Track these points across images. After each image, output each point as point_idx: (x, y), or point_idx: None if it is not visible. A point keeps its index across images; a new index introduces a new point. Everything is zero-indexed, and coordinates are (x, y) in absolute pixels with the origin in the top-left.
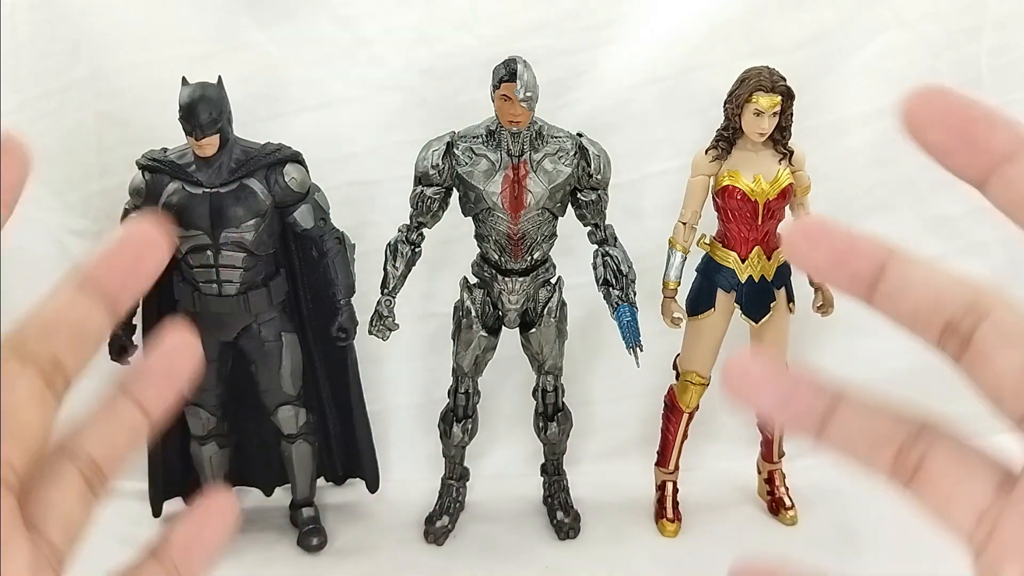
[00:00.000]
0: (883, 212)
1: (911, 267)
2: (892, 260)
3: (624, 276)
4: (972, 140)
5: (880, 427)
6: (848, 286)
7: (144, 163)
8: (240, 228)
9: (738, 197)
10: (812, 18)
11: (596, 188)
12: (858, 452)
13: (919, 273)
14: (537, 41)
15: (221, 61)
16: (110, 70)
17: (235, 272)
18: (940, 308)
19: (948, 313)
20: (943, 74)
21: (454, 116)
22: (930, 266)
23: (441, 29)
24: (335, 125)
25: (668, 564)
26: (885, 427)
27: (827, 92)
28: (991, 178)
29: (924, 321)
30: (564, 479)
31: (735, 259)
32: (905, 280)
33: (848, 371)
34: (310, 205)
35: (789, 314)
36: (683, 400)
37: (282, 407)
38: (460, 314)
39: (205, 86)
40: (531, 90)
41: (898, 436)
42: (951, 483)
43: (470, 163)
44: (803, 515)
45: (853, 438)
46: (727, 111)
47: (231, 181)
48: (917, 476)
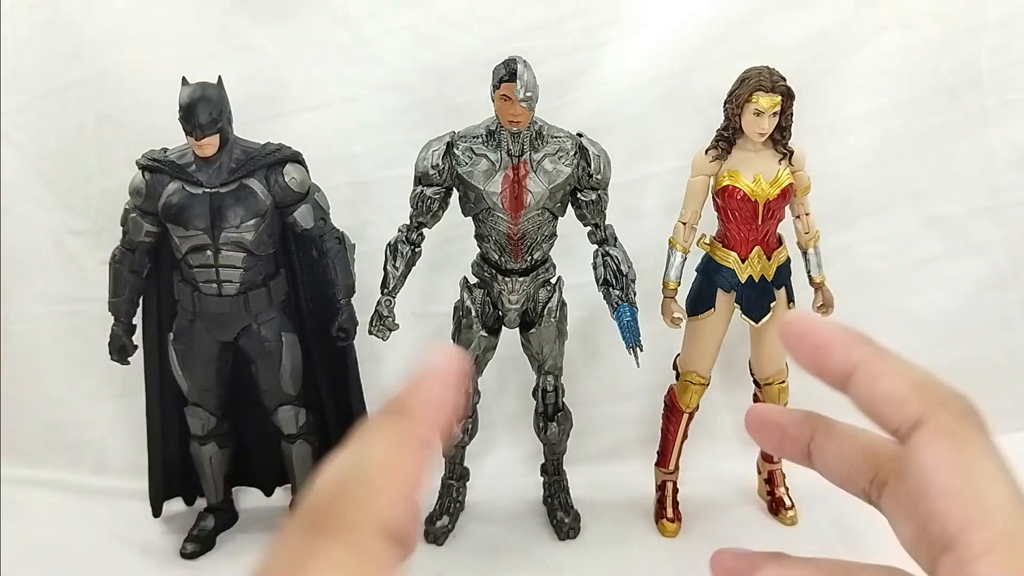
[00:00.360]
0: (883, 212)
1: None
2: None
3: (624, 276)
4: (821, 364)
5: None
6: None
7: (144, 163)
8: (240, 228)
9: (738, 197)
10: (812, 18)
11: (596, 188)
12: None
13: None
14: (537, 41)
15: (221, 61)
16: (110, 70)
17: (235, 272)
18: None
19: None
20: (943, 74)
21: (454, 116)
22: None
23: (441, 29)
24: (335, 125)
25: (668, 564)
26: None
27: (827, 92)
28: (846, 388)
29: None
30: (564, 479)
31: (735, 259)
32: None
33: None
34: (310, 205)
35: None
36: (683, 400)
37: (282, 407)
38: (460, 314)
39: (205, 86)
40: (531, 90)
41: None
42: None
43: (470, 163)
44: (803, 515)
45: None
46: (727, 111)
47: (231, 181)
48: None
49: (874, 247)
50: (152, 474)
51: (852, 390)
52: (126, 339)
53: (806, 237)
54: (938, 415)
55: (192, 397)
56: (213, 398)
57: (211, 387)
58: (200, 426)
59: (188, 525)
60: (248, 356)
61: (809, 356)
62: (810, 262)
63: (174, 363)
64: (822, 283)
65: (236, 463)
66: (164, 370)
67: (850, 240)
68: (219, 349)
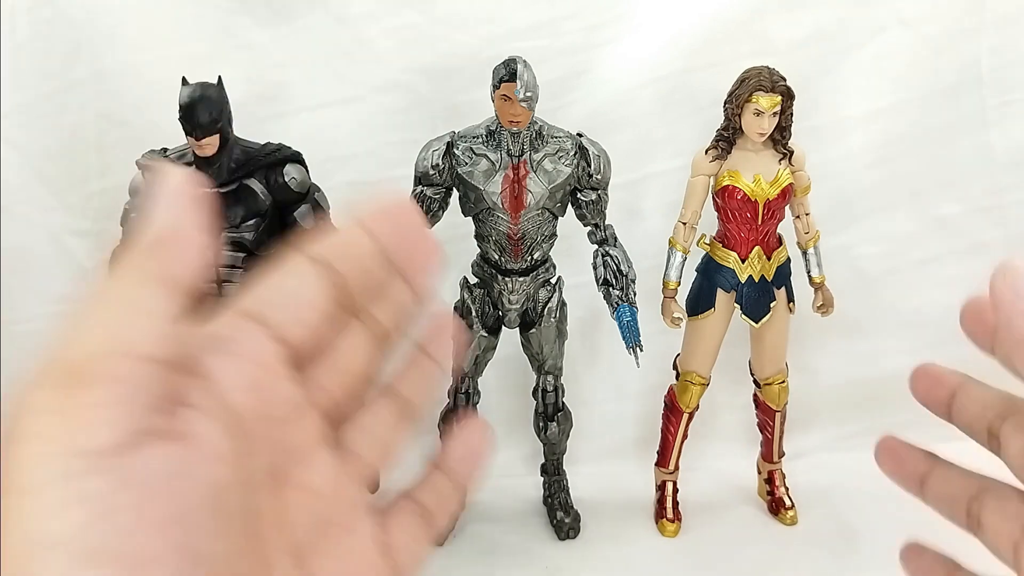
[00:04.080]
0: (883, 212)
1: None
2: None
3: (624, 276)
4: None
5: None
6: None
7: (144, 163)
8: (240, 228)
9: (739, 197)
10: (812, 18)
11: (596, 188)
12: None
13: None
14: (537, 41)
15: (221, 61)
16: (110, 70)
17: (235, 272)
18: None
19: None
20: (943, 74)
21: (454, 116)
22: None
23: (441, 29)
24: (335, 125)
25: (668, 564)
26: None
27: (827, 92)
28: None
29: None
30: (564, 479)
31: (735, 259)
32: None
33: (848, 371)
34: (310, 205)
35: (789, 314)
36: (683, 400)
37: None
38: (460, 314)
39: (205, 86)
40: (531, 90)
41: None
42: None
43: (470, 163)
44: (803, 515)
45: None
46: (727, 111)
47: (231, 181)
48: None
49: (874, 247)
50: None
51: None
52: None
53: (806, 237)
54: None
55: None
56: None
57: None
58: None
59: None
60: None
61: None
62: (810, 262)
63: None
64: (822, 283)
65: None
66: None
67: (850, 240)
68: None
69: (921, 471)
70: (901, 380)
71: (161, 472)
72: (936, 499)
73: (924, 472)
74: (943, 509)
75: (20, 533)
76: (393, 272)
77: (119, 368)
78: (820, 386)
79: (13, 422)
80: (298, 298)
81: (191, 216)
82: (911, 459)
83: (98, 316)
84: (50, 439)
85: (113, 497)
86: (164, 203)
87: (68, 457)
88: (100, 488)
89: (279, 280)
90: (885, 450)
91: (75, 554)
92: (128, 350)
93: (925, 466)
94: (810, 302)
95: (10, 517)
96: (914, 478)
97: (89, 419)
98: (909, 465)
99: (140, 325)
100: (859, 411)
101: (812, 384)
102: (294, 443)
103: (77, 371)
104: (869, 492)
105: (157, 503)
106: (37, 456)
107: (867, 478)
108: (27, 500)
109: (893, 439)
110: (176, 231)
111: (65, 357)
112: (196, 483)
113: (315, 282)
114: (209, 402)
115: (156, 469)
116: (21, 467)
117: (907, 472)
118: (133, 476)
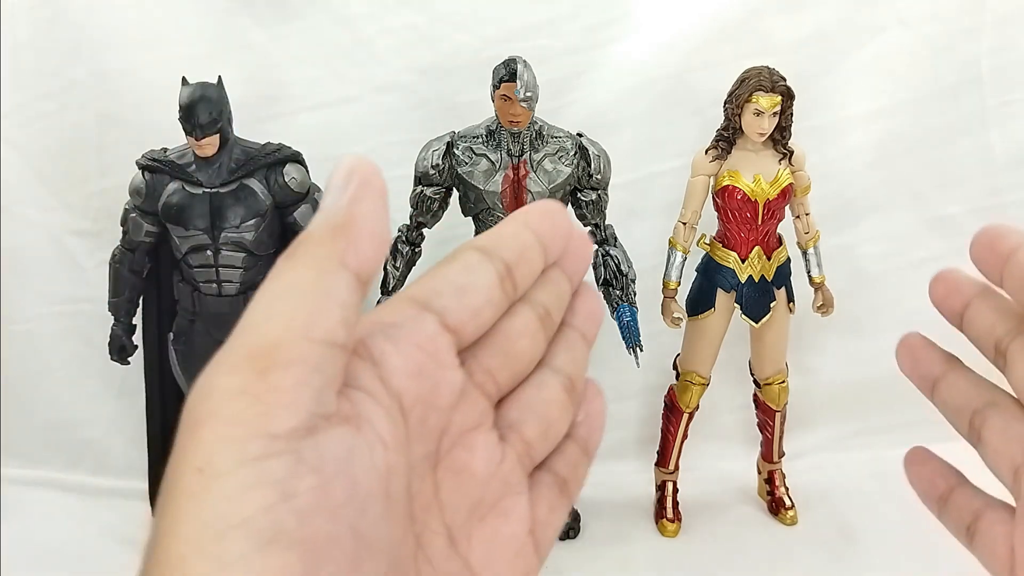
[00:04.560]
0: (883, 212)
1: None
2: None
3: (624, 276)
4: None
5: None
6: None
7: (144, 163)
8: (240, 228)
9: (739, 197)
10: (812, 18)
11: (596, 188)
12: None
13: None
14: (537, 41)
15: (221, 61)
16: (110, 70)
17: (235, 272)
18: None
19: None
20: (943, 74)
21: (454, 116)
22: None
23: (441, 29)
24: (335, 125)
25: (668, 564)
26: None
27: (827, 92)
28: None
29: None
30: None
31: (735, 259)
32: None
33: (848, 371)
34: (310, 205)
35: (789, 314)
36: (683, 400)
37: None
38: None
39: (205, 86)
40: (531, 90)
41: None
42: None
43: (470, 163)
44: (803, 515)
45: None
46: (727, 111)
47: (231, 181)
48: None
49: (874, 247)
50: (152, 474)
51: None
52: (126, 339)
53: (806, 237)
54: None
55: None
56: None
57: None
58: None
59: None
60: None
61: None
62: (810, 262)
63: (174, 363)
64: (822, 283)
65: None
66: (164, 370)
67: (850, 240)
68: (219, 349)
69: (935, 373)
70: (901, 380)
71: (338, 456)
72: (943, 404)
73: (939, 375)
74: (948, 416)
75: (202, 513)
76: (550, 261)
77: (303, 352)
78: (820, 386)
79: (196, 403)
80: (466, 285)
81: (370, 204)
82: (927, 359)
83: (283, 300)
84: (238, 421)
85: (294, 480)
86: (344, 189)
87: (254, 439)
88: (282, 471)
89: (446, 269)
90: (905, 347)
91: (257, 536)
92: (311, 334)
93: (940, 368)
94: (810, 302)
95: (191, 497)
96: (927, 379)
97: (276, 402)
98: (924, 365)
99: (323, 310)
100: (859, 411)
101: (812, 384)
102: (456, 428)
103: (264, 354)
104: (869, 492)
105: (334, 487)
106: (223, 438)
107: (867, 478)
108: (211, 481)
109: (917, 336)
110: (356, 218)
111: (251, 340)
112: (368, 467)
113: (482, 269)
114: (377, 386)
115: (333, 453)
116: (205, 448)
117: (922, 372)
118: (312, 459)
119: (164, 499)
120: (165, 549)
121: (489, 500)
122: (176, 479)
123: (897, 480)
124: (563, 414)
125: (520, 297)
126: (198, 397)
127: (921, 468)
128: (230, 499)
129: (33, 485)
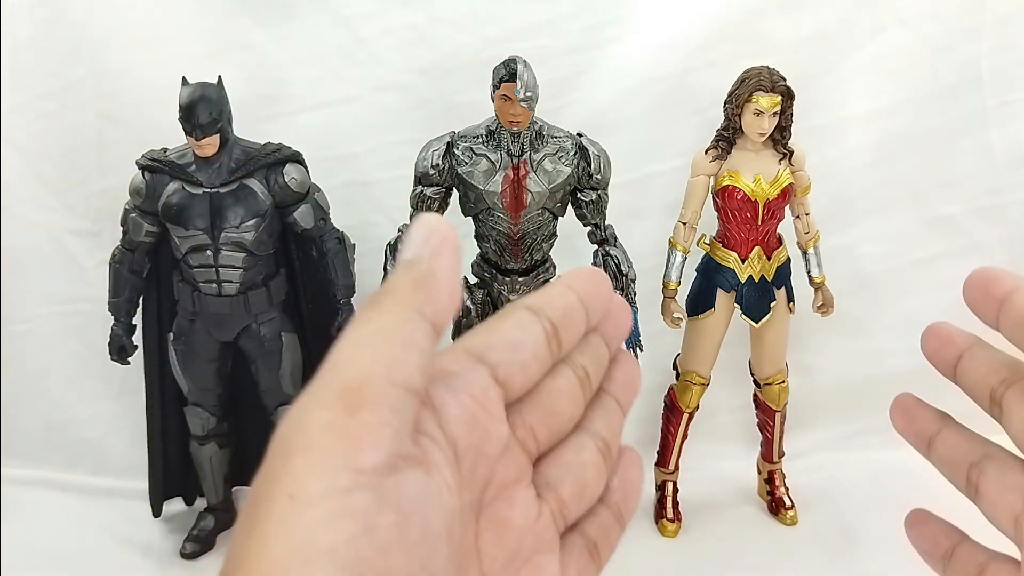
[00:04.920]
0: (883, 212)
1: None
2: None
3: (624, 276)
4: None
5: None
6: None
7: (144, 163)
8: (240, 228)
9: (739, 197)
10: (812, 18)
11: (596, 188)
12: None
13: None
14: (537, 41)
15: (221, 61)
16: (110, 70)
17: (235, 272)
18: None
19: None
20: (943, 74)
21: (454, 116)
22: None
23: (441, 29)
24: (335, 125)
25: (668, 564)
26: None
27: (827, 92)
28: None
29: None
30: None
31: (735, 259)
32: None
33: (848, 371)
34: (310, 205)
35: (789, 314)
36: (683, 400)
37: (282, 407)
38: (460, 314)
39: (205, 86)
40: (531, 90)
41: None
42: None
43: (470, 163)
44: (803, 515)
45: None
46: (727, 111)
47: (231, 181)
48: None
49: (874, 247)
50: (152, 474)
51: None
52: (126, 339)
53: (806, 237)
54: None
55: (192, 397)
56: (213, 398)
57: (211, 387)
58: (200, 426)
59: (188, 525)
60: (248, 356)
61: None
62: (810, 262)
63: (174, 363)
64: (822, 283)
65: (236, 463)
66: (164, 370)
67: (850, 240)
68: (219, 349)
69: (930, 431)
70: (901, 380)
71: (413, 496)
72: (940, 461)
73: (933, 433)
74: (945, 472)
75: (289, 538)
76: (591, 324)
77: (388, 394)
78: (820, 386)
79: (289, 432)
80: (517, 341)
81: (448, 260)
82: (922, 418)
83: (370, 343)
84: (330, 454)
85: (377, 515)
86: (424, 244)
87: (343, 472)
88: (367, 505)
89: (500, 324)
90: (899, 407)
91: (341, 565)
92: (395, 378)
93: (935, 426)
94: (810, 302)
95: (281, 522)
96: (923, 437)
97: (363, 438)
98: (919, 424)
99: (404, 356)
100: (859, 411)
101: (812, 384)
102: (498, 480)
103: (354, 393)
104: (869, 492)
105: (411, 525)
106: (315, 468)
107: (867, 478)
108: (302, 508)
109: (909, 396)
110: (436, 273)
111: (342, 379)
112: (438, 509)
113: (532, 328)
114: (438, 433)
115: (411, 492)
116: (297, 476)
117: (916, 430)
118: (393, 496)
119: (250, 522)
120: (252, 571)
121: (524, 554)
122: (265, 503)
123: (897, 480)
124: (598, 477)
125: (562, 358)
126: (291, 427)
127: (922, 528)
128: (318, 527)
129: (33, 485)
